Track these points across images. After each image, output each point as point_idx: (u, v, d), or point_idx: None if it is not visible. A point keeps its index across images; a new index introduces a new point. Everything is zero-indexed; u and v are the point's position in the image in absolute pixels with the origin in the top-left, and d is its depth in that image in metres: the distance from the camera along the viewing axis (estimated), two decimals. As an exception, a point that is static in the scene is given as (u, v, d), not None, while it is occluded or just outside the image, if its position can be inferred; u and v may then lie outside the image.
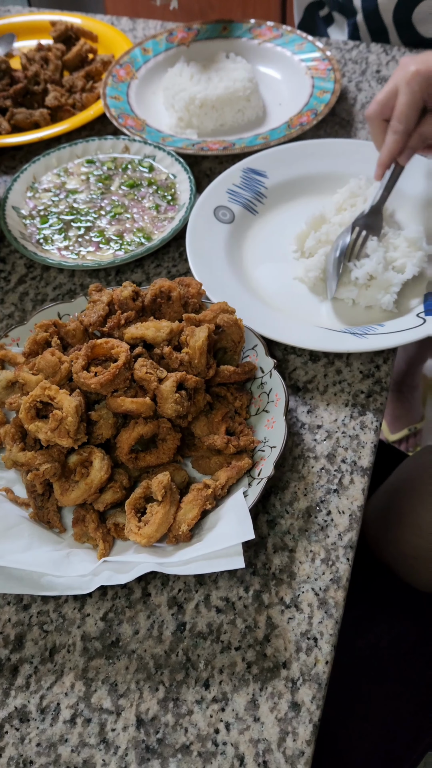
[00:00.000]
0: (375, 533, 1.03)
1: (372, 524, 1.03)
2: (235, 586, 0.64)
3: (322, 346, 0.77)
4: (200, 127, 1.10)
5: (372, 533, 1.03)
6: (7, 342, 0.79)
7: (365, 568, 1.01)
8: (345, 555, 0.65)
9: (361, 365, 0.79)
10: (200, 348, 0.68)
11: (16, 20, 1.35)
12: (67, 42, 1.27)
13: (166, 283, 0.73)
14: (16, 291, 0.91)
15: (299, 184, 0.98)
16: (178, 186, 1.00)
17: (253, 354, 0.75)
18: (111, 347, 0.67)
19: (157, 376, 0.66)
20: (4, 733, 0.57)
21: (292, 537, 0.66)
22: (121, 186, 1.02)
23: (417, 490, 0.98)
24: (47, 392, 0.64)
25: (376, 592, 1.03)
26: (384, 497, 1.04)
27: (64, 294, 0.90)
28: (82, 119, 1.10)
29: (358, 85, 1.17)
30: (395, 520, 0.99)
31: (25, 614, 0.64)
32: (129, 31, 1.35)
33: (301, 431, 0.74)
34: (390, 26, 1.22)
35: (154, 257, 0.93)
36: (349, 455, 0.72)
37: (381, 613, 1.01)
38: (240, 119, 1.11)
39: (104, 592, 0.64)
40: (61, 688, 0.59)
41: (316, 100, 1.09)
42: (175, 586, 0.64)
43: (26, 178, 1.03)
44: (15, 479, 0.71)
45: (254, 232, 0.94)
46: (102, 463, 0.65)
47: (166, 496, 0.63)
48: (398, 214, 0.92)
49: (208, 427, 0.69)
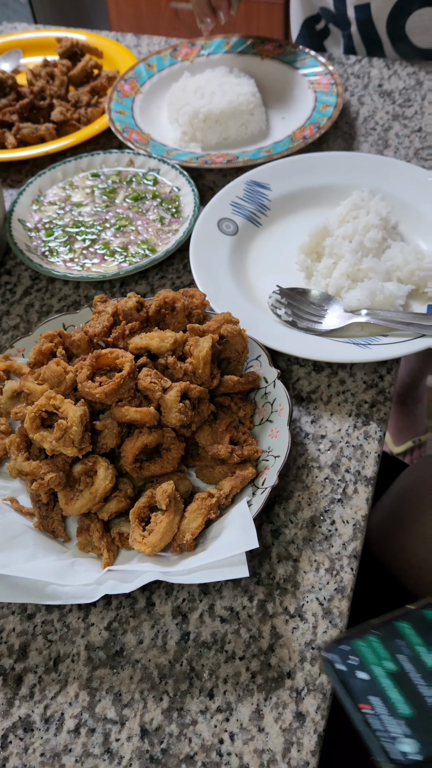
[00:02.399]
0: (379, 543, 1.02)
1: (376, 534, 1.03)
2: (240, 596, 0.64)
3: (325, 356, 0.77)
4: (204, 140, 1.11)
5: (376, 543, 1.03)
6: (12, 353, 0.79)
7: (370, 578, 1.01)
8: (349, 565, 0.65)
9: (365, 375, 0.79)
10: (204, 358, 0.68)
11: (22, 37, 1.37)
12: (73, 58, 1.29)
13: (171, 294, 0.74)
14: (21, 302, 0.92)
15: (302, 197, 0.99)
16: (182, 199, 1.01)
17: (257, 364, 0.75)
18: (115, 357, 0.68)
19: (161, 386, 0.67)
20: (8, 743, 0.57)
21: (296, 546, 0.67)
22: (125, 199, 1.03)
23: (421, 499, 0.97)
24: (52, 402, 0.65)
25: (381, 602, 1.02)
26: (387, 507, 1.04)
27: (69, 305, 0.91)
28: (87, 133, 1.11)
29: (360, 99, 1.18)
30: (399, 529, 0.99)
31: (30, 624, 0.64)
32: (134, 47, 1.37)
33: (305, 441, 0.74)
34: (384, 37, 1.23)
35: (158, 269, 0.94)
36: (353, 465, 0.72)
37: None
38: (243, 133, 1.12)
39: (108, 602, 0.64)
40: (65, 698, 0.59)
41: (318, 114, 1.10)
42: (179, 596, 0.64)
43: (32, 191, 1.04)
44: (20, 489, 0.72)
45: (257, 244, 0.95)
46: (106, 473, 0.65)
47: (170, 505, 0.63)
48: (401, 226, 0.93)
49: (212, 436, 0.70)
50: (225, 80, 1.14)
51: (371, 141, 1.10)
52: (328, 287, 0.85)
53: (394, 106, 1.16)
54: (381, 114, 1.15)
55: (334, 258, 0.87)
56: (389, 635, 0.55)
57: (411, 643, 0.54)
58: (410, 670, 0.52)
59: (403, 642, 0.54)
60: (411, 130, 1.11)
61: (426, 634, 0.55)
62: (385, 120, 1.13)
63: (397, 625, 0.55)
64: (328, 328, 0.81)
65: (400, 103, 1.16)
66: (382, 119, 1.14)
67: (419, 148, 1.08)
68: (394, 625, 0.56)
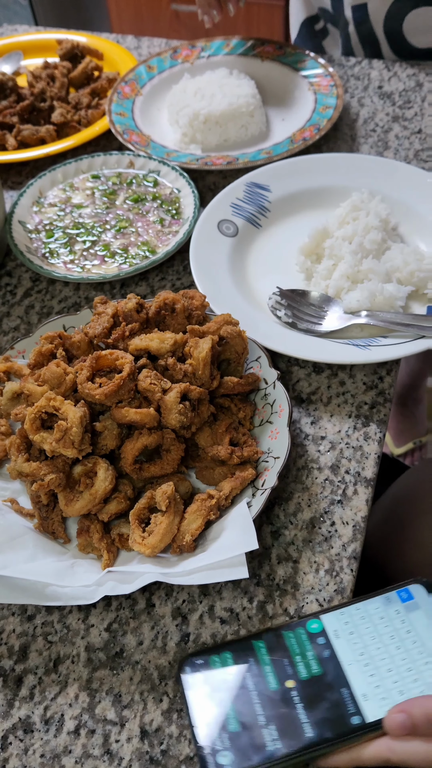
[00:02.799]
0: (375, 547, 1.02)
1: (372, 537, 1.02)
2: (239, 597, 0.64)
3: (325, 357, 0.77)
4: (204, 142, 1.11)
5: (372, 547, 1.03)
6: (12, 354, 0.79)
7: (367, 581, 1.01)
8: (349, 566, 0.65)
9: (365, 377, 0.79)
10: (204, 359, 0.68)
11: (23, 39, 1.37)
12: (73, 60, 1.29)
13: (170, 295, 0.74)
14: (21, 304, 0.92)
15: (302, 198, 0.99)
16: (183, 200, 1.01)
17: (257, 365, 0.75)
18: (115, 358, 0.68)
19: (161, 387, 0.67)
20: (8, 744, 0.57)
21: (296, 548, 0.67)
22: (126, 201, 1.03)
23: (417, 505, 0.97)
24: (52, 403, 0.65)
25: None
26: (384, 511, 1.03)
27: (70, 307, 0.91)
28: (88, 135, 1.11)
29: (361, 100, 1.18)
30: (395, 534, 0.98)
31: (30, 625, 0.64)
32: (134, 49, 1.37)
33: (304, 442, 0.74)
34: (381, 37, 1.23)
35: (158, 270, 0.94)
36: (353, 466, 0.72)
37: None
38: (243, 134, 1.12)
39: (108, 603, 0.64)
40: (65, 699, 0.59)
41: (318, 116, 1.10)
42: (179, 597, 0.64)
43: (32, 193, 1.04)
44: (20, 490, 0.72)
45: (257, 246, 0.95)
46: (106, 474, 0.65)
47: (170, 506, 0.63)
48: (401, 228, 0.93)
49: (212, 437, 0.70)
50: (225, 82, 1.14)
51: (371, 142, 1.10)
52: (327, 288, 0.85)
53: (394, 108, 1.16)
54: (381, 115, 1.15)
55: (334, 259, 0.87)
56: (243, 653, 0.57)
57: (261, 662, 0.56)
58: (252, 689, 0.54)
59: (253, 661, 0.56)
60: (411, 132, 1.11)
61: (277, 655, 0.56)
62: (385, 121, 1.13)
63: (253, 643, 0.57)
64: (327, 330, 0.81)
65: (400, 104, 1.16)
66: (382, 121, 1.14)
67: (419, 149, 1.08)
68: (251, 643, 0.57)
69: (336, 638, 0.57)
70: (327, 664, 0.55)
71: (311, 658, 0.55)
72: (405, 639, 0.56)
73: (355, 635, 0.57)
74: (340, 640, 0.56)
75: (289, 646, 0.56)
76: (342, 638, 0.57)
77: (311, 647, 0.56)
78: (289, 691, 0.54)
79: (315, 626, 0.58)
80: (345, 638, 0.57)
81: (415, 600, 0.58)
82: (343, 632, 0.57)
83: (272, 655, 0.56)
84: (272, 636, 0.57)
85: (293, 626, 0.58)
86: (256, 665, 0.56)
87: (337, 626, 0.57)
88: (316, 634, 0.57)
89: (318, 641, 0.57)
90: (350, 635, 0.57)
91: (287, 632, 0.57)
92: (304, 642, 0.57)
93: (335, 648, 0.56)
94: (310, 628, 0.58)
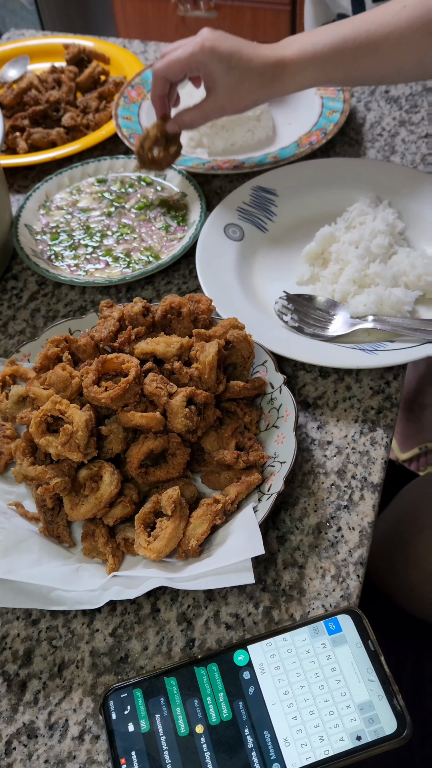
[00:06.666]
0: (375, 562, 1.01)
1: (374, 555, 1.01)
2: (245, 602, 0.63)
3: (331, 362, 0.77)
4: (211, 146, 1.11)
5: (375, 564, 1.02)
6: (18, 357, 0.79)
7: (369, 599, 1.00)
8: (355, 572, 0.65)
9: (371, 381, 0.79)
10: (210, 363, 0.68)
11: (30, 43, 1.37)
12: (80, 64, 1.29)
13: (177, 299, 0.74)
14: (27, 307, 0.92)
15: (309, 203, 0.98)
16: (189, 204, 1.01)
17: (263, 370, 0.75)
18: (121, 362, 0.68)
19: (167, 391, 0.67)
20: (12, 750, 0.57)
21: (302, 553, 0.66)
22: (132, 206, 1.03)
23: (417, 523, 0.96)
24: (58, 407, 0.65)
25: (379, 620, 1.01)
26: (384, 527, 1.03)
27: (75, 310, 0.91)
28: (94, 139, 1.12)
29: (367, 105, 1.18)
30: (394, 550, 0.98)
31: (34, 629, 0.63)
32: (140, 53, 1.37)
33: (311, 447, 0.74)
34: None
35: (164, 274, 0.94)
36: (360, 471, 0.72)
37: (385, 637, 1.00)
38: (250, 139, 1.12)
39: (113, 608, 0.64)
40: (70, 704, 0.59)
41: (325, 120, 1.10)
42: (184, 602, 0.64)
43: (39, 196, 1.04)
44: (25, 494, 0.72)
45: (264, 250, 0.94)
46: (112, 478, 0.65)
47: (175, 510, 0.63)
48: (408, 232, 0.93)
49: (218, 442, 0.70)
50: (232, 86, 1.14)
51: (378, 147, 1.10)
52: (334, 293, 0.85)
53: (401, 112, 1.15)
54: (388, 120, 1.15)
55: (341, 264, 0.87)
56: (154, 691, 0.55)
57: (172, 702, 0.54)
58: (161, 732, 0.53)
59: (164, 700, 0.54)
60: (418, 136, 1.11)
61: (188, 695, 0.54)
62: (392, 126, 1.13)
63: (165, 680, 0.55)
64: (334, 334, 0.81)
65: (406, 108, 1.16)
66: (388, 125, 1.13)
67: (426, 153, 1.07)
68: (162, 680, 0.55)
69: (261, 673, 0.55)
70: (252, 703, 0.53)
71: (232, 697, 0.54)
72: (329, 678, 0.54)
73: (281, 671, 0.55)
74: (265, 676, 0.55)
75: (202, 686, 0.54)
76: (267, 673, 0.55)
77: (234, 683, 0.54)
78: (199, 737, 0.52)
79: (241, 658, 0.56)
80: (270, 673, 0.55)
81: (342, 633, 0.57)
82: (268, 667, 0.55)
83: (184, 695, 0.54)
84: (184, 672, 0.55)
85: (219, 658, 0.56)
86: (167, 705, 0.54)
87: (263, 659, 0.56)
88: (242, 668, 0.55)
89: (243, 675, 0.55)
90: (276, 670, 0.55)
91: (211, 665, 0.56)
92: (228, 676, 0.55)
93: (261, 685, 0.54)
94: (236, 660, 0.56)
